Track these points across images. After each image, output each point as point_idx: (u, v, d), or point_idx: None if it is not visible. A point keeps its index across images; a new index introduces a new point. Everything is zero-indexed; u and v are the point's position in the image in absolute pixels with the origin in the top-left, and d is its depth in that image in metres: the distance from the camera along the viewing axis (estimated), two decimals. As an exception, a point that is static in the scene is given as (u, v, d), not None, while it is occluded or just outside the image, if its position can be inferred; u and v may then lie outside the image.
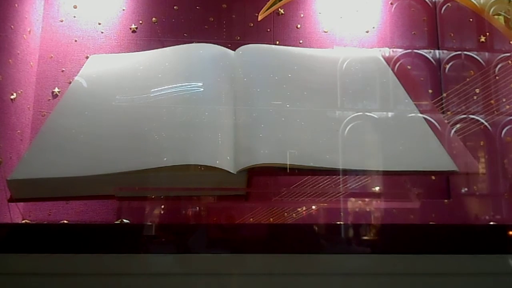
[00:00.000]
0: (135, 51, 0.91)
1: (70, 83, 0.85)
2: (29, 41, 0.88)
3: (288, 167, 0.65)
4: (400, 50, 0.93)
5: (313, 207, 0.77)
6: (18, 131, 0.83)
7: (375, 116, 0.76)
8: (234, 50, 0.88)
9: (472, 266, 0.58)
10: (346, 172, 0.66)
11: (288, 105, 0.76)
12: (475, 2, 0.91)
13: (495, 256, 0.58)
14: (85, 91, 0.82)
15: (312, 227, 0.60)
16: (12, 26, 0.82)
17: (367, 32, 0.96)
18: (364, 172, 0.67)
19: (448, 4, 0.95)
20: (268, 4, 0.92)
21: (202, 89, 0.78)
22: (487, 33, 0.92)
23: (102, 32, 0.93)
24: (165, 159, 0.65)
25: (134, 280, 0.58)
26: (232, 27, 0.95)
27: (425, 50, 0.93)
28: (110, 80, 0.84)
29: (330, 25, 0.96)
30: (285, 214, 0.79)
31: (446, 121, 0.83)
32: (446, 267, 0.58)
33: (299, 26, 0.96)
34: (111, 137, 0.71)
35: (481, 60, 0.90)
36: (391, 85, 0.83)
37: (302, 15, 0.97)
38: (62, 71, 0.91)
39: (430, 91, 0.92)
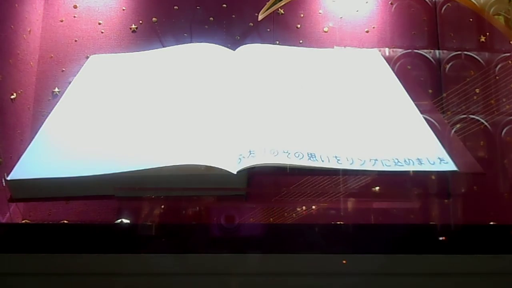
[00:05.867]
0: (135, 51, 0.91)
1: (70, 83, 0.85)
2: (29, 41, 0.88)
3: (288, 167, 0.65)
4: (400, 50, 0.92)
5: (313, 207, 0.77)
6: (18, 131, 0.83)
7: (375, 116, 0.76)
8: (234, 50, 0.88)
9: (472, 266, 0.58)
10: (346, 172, 0.66)
11: (288, 105, 0.76)
12: (475, 2, 0.91)
13: (495, 256, 0.58)
14: (85, 91, 0.82)
15: (312, 227, 0.60)
16: (12, 26, 0.82)
17: (367, 32, 0.96)
18: (363, 172, 0.67)
19: (448, 4, 0.95)
20: (268, 4, 0.91)
21: (201, 89, 0.78)
22: (487, 33, 0.91)
23: (102, 32, 0.93)
24: (165, 159, 0.65)
25: (134, 280, 0.58)
26: (232, 27, 0.95)
27: (425, 50, 0.93)
28: (110, 80, 0.84)
29: (330, 25, 0.96)
30: (285, 214, 0.79)
31: (446, 121, 0.83)
32: (446, 267, 0.58)
33: (299, 26, 0.96)
34: (111, 137, 0.71)
35: (481, 60, 0.90)
36: (391, 85, 0.83)
37: (302, 15, 0.97)
38: (62, 71, 0.91)
39: (430, 91, 0.91)
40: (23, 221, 0.78)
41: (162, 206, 0.73)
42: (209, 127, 0.71)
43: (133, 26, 0.94)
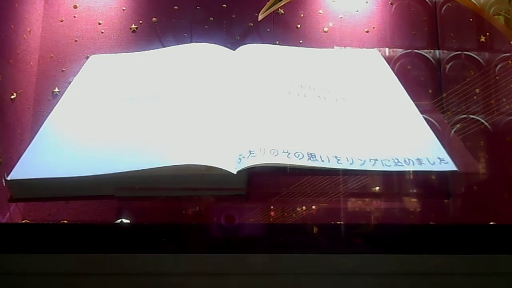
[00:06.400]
0: (135, 51, 0.91)
1: (70, 83, 0.85)
2: (29, 41, 0.88)
3: (288, 167, 0.65)
4: (400, 50, 0.92)
5: (313, 207, 0.77)
6: (18, 131, 0.83)
7: (375, 116, 0.76)
8: (234, 50, 0.88)
9: (472, 266, 0.58)
10: (346, 172, 0.66)
11: (288, 105, 0.76)
12: (475, 2, 0.91)
13: (495, 256, 0.58)
14: (85, 91, 0.82)
15: (312, 227, 0.60)
16: (12, 26, 0.82)
17: (367, 32, 0.96)
18: (363, 172, 0.67)
19: (448, 4, 0.95)
20: (268, 4, 0.91)
21: (201, 89, 0.78)
22: (487, 33, 0.91)
23: (102, 32, 0.93)
24: (165, 159, 0.65)
25: (134, 280, 0.58)
26: (232, 27, 0.95)
27: (425, 50, 0.93)
28: (110, 80, 0.84)
29: (330, 25, 0.96)
30: (285, 214, 0.79)
31: (446, 121, 0.83)
32: (446, 267, 0.58)
33: (299, 26, 0.96)
34: (111, 137, 0.71)
35: (481, 60, 0.90)
36: (391, 85, 0.83)
37: (302, 15, 0.97)
38: (62, 71, 0.91)
39: (430, 91, 0.91)
40: (23, 221, 0.78)
41: (162, 206, 0.73)
42: (209, 127, 0.71)
43: (133, 26, 0.94)
